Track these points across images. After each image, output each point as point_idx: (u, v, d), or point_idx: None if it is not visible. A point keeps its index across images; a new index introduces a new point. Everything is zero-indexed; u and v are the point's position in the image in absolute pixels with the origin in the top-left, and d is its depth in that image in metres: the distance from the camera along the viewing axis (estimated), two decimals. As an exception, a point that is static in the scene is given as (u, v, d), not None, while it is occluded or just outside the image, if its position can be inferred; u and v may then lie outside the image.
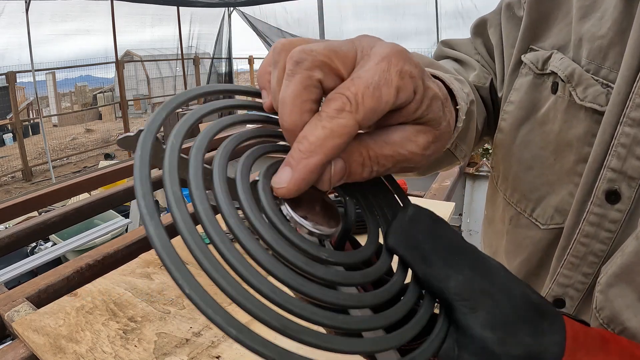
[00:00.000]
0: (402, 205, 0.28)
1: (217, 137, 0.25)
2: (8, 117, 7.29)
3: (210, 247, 0.19)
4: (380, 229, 0.27)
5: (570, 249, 0.40)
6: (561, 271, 0.41)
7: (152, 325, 0.62)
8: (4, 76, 6.73)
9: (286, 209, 0.23)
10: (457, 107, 0.37)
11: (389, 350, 0.22)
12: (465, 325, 0.23)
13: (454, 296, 0.23)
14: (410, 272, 0.25)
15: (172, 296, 0.69)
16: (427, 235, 0.25)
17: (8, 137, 8.10)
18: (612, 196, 0.37)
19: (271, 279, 0.19)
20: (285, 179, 0.23)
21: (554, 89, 0.43)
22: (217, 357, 0.55)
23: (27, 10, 6.43)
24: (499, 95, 0.53)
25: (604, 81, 0.39)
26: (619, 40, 0.37)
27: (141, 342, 0.58)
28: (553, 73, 0.43)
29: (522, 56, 0.47)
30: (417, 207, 0.26)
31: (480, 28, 0.57)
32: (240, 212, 0.21)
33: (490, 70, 0.56)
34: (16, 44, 6.63)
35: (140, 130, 0.22)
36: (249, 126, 0.28)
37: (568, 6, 0.44)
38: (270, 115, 0.27)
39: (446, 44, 0.61)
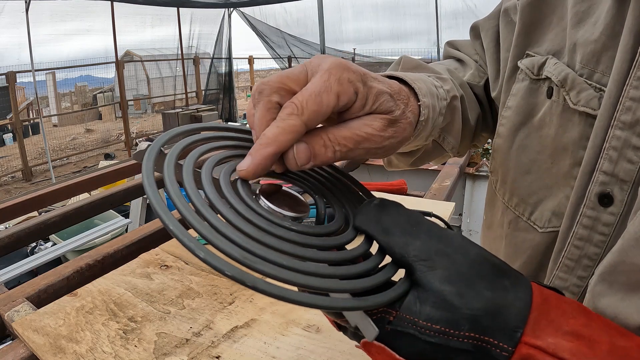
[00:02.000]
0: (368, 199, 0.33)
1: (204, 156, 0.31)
2: (8, 117, 7.29)
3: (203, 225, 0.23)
4: (346, 216, 0.31)
5: (565, 251, 0.41)
6: (557, 274, 0.42)
7: (152, 325, 0.62)
8: (4, 76, 6.73)
9: (263, 201, 0.29)
10: (419, 103, 0.40)
11: (343, 294, 0.26)
12: (425, 282, 0.26)
13: (413, 258, 0.27)
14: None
15: (172, 296, 0.69)
16: (388, 214, 0.29)
17: (8, 137, 8.10)
18: (605, 199, 0.38)
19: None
20: (246, 164, 0.29)
21: (549, 94, 0.44)
22: (217, 357, 0.55)
23: (27, 10, 6.43)
24: (492, 95, 0.55)
25: (597, 85, 0.39)
26: (612, 44, 0.38)
27: (141, 342, 0.58)
28: (548, 78, 0.44)
29: (519, 62, 0.48)
30: (382, 198, 0.31)
31: (475, 31, 0.60)
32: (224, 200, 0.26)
33: (486, 70, 0.58)
34: (16, 43, 6.63)
35: (147, 146, 0.28)
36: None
37: (562, 11, 0.44)
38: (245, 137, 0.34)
39: (451, 44, 0.64)
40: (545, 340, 0.25)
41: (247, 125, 0.35)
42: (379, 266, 0.27)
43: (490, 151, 0.68)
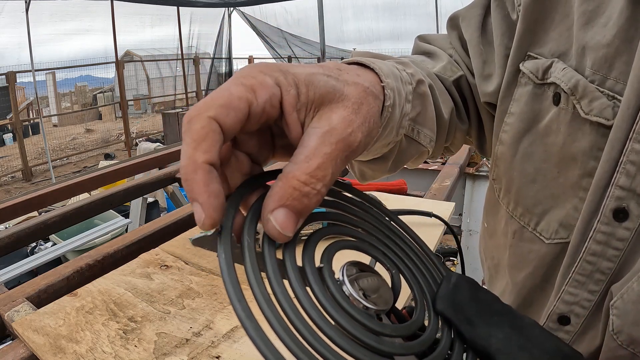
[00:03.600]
0: (442, 274, 0.33)
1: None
2: (8, 117, 7.29)
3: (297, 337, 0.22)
4: (424, 294, 0.30)
5: (576, 267, 0.39)
6: (566, 289, 0.40)
7: (152, 325, 0.62)
8: (4, 76, 6.72)
9: (347, 288, 0.26)
10: (382, 84, 0.34)
11: None
12: None
13: (496, 351, 0.27)
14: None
15: (172, 296, 0.69)
16: (469, 300, 0.29)
17: (8, 137, 8.10)
18: (620, 214, 0.36)
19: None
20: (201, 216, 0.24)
21: (556, 101, 0.41)
22: (217, 357, 0.55)
23: (27, 10, 6.43)
24: (481, 89, 0.51)
25: (610, 93, 0.37)
26: (626, 49, 0.35)
27: (141, 342, 0.58)
28: (554, 83, 0.41)
29: (521, 64, 0.45)
30: (458, 275, 0.31)
31: (454, 21, 0.56)
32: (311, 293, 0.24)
33: (462, 66, 0.54)
34: (16, 43, 6.63)
35: (218, 232, 0.24)
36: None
37: (566, 9, 0.41)
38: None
39: (422, 38, 0.60)
40: None
41: None
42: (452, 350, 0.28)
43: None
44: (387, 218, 0.34)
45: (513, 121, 0.46)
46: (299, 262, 0.26)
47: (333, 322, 0.23)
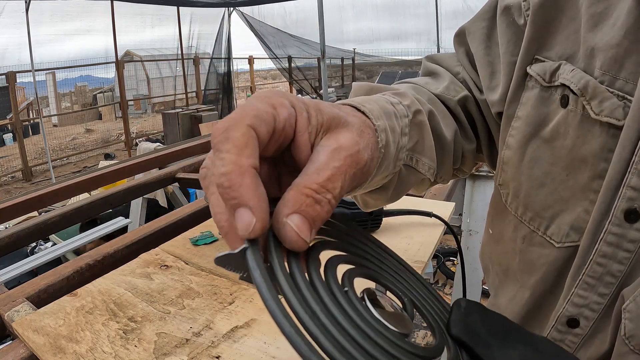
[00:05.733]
0: (448, 305, 0.35)
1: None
2: (8, 117, 7.29)
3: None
4: (436, 321, 0.32)
5: (587, 269, 0.39)
6: (576, 291, 0.40)
7: (152, 325, 0.62)
8: (4, 76, 6.72)
9: (374, 312, 0.26)
10: (374, 126, 0.35)
11: None
12: None
13: None
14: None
15: (172, 296, 0.69)
16: (481, 323, 0.30)
17: (8, 137, 8.10)
18: (632, 215, 0.36)
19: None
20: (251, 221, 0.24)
21: (564, 103, 0.41)
22: (217, 357, 0.55)
23: (27, 10, 6.42)
24: (489, 100, 0.51)
25: (620, 93, 0.37)
26: (636, 49, 0.35)
27: (141, 342, 0.58)
28: (562, 85, 0.41)
29: (528, 68, 0.45)
30: (467, 300, 0.32)
31: (461, 37, 0.56)
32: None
33: (470, 83, 0.54)
34: (16, 43, 6.63)
35: (244, 249, 0.23)
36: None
37: (573, 11, 0.41)
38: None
39: (429, 58, 0.60)
40: None
41: None
42: None
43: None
44: (387, 253, 0.36)
45: (520, 125, 0.46)
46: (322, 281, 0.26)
47: (369, 342, 0.23)
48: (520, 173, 0.46)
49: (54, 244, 2.75)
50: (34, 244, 2.76)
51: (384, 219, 0.91)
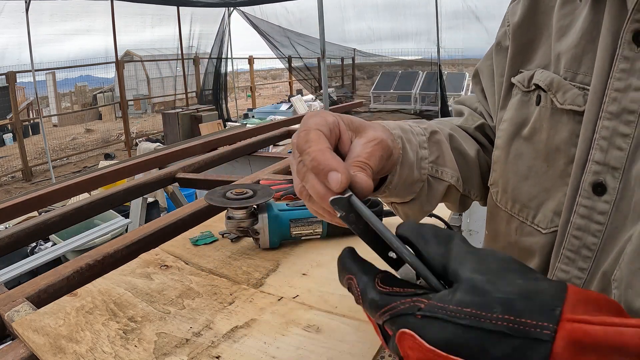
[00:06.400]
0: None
1: None
2: (8, 117, 7.30)
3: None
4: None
5: (565, 242, 0.42)
6: (559, 266, 0.43)
7: (152, 325, 0.62)
8: (4, 76, 6.73)
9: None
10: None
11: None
12: (456, 274, 0.29)
13: (448, 258, 0.31)
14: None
15: (172, 296, 0.69)
16: (429, 230, 0.34)
17: (8, 137, 8.11)
18: (599, 188, 0.40)
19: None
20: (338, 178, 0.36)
21: (538, 101, 0.48)
22: (217, 357, 0.55)
23: (27, 10, 6.42)
24: (491, 124, 0.60)
25: (580, 85, 0.43)
26: (591, 47, 0.42)
27: (141, 342, 0.58)
28: (536, 87, 0.48)
29: (512, 78, 0.52)
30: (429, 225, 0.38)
31: (476, 77, 0.65)
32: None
33: (486, 115, 0.64)
34: (16, 43, 6.63)
35: (350, 195, 0.36)
36: None
37: (549, 30, 0.48)
38: None
39: (457, 101, 0.71)
40: (589, 314, 0.25)
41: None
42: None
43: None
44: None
45: (506, 127, 0.52)
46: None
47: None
48: (507, 169, 0.51)
49: (54, 244, 2.75)
50: (34, 244, 2.76)
51: (384, 219, 0.91)
